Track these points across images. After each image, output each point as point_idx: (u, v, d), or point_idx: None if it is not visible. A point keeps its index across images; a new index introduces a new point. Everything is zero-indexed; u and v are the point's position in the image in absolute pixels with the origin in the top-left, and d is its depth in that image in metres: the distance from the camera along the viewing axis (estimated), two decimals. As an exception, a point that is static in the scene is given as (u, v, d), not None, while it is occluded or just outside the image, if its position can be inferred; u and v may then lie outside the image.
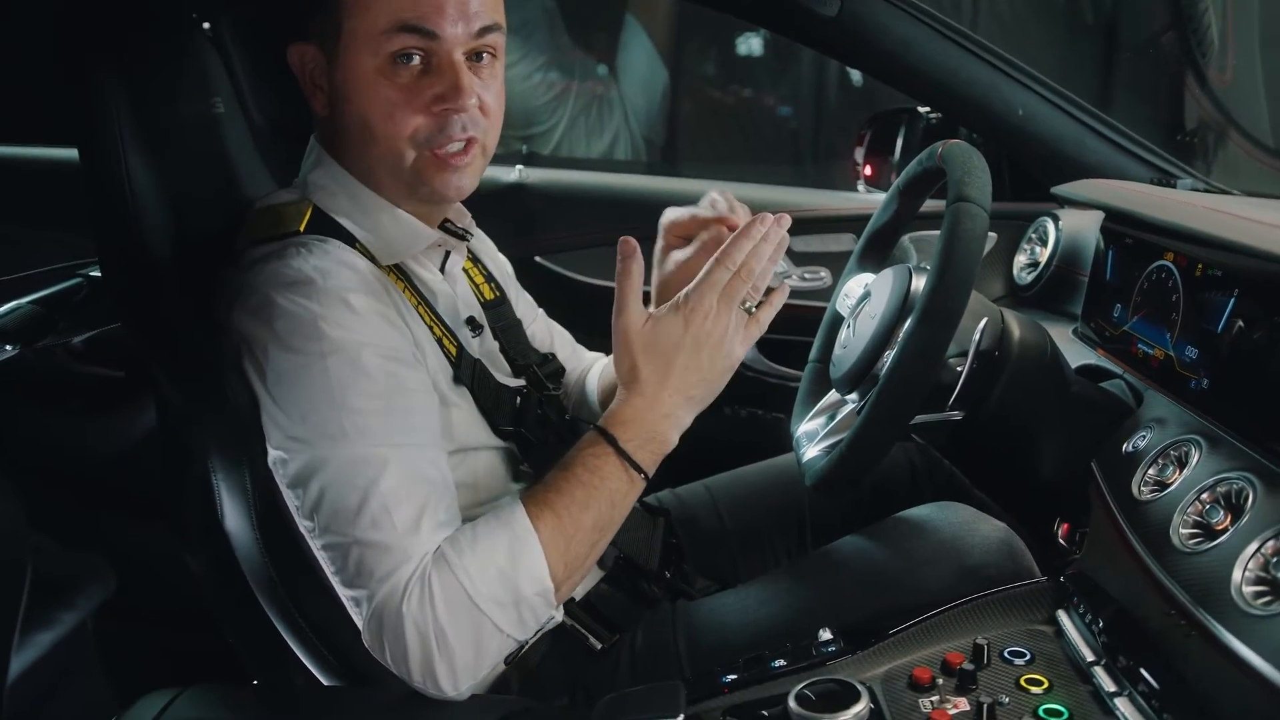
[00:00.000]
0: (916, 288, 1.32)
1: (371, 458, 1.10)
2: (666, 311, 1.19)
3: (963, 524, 1.36)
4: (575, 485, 1.16)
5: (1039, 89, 1.88)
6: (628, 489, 1.19)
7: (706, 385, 1.21)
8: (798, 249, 2.15)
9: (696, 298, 1.18)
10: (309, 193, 1.29)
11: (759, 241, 1.20)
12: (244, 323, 1.17)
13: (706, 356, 1.18)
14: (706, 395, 1.22)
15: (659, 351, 1.18)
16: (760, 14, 1.87)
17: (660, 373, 1.19)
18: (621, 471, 1.18)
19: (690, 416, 1.23)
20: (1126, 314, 1.49)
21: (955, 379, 1.29)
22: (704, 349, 1.18)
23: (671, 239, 1.36)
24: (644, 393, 1.19)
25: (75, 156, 1.28)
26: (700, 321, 1.17)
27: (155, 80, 1.31)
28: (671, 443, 1.22)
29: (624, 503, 1.20)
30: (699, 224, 1.32)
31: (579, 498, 1.16)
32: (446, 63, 1.20)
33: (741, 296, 1.19)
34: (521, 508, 1.15)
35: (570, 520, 1.15)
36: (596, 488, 1.17)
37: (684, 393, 1.20)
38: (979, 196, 1.21)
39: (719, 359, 1.19)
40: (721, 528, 1.65)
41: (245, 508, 1.21)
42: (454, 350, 1.29)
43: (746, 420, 2.16)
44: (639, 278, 1.20)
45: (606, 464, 1.18)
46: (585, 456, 1.18)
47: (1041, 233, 1.90)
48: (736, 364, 1.22)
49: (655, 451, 1.20)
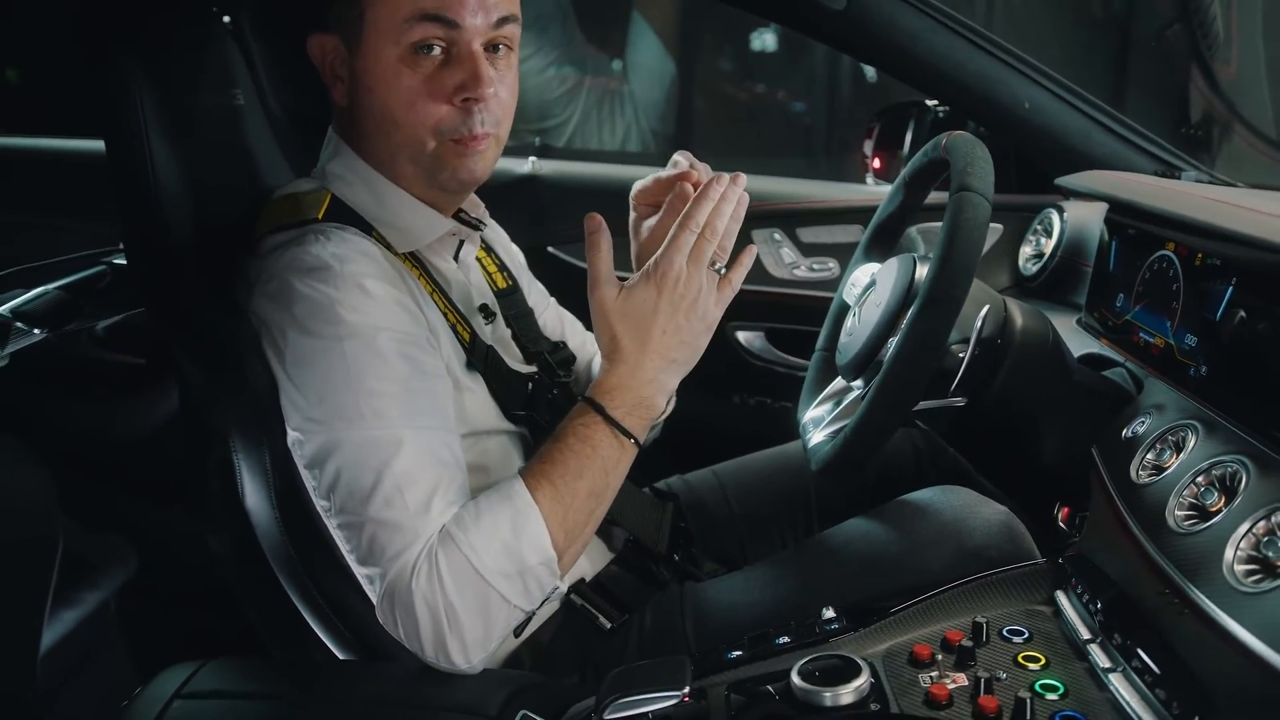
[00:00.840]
0: (921, 276, 1.34)
1: (386, 439, 1.14)
2: (638, 280, 1.22)
3: (964, 507, 1.38)
4: (569, 455, 1.20)
5: (1045, 82, 1.89)
6: (619, 455, 1.22)
7: (686, 348, 1.24)
8: (806, 240, 2.17)
9: (665, 263, 1.20)
10: (327, 182, 1.32)
11: (719, 201, 1.22)
12: (263, 307, 1.20)
13: (683, 319, 1.21)
14: (688, 357, 1.25)
15: (636, 320, 1.21)
16: (769, 8, 1.90)
17: (639, 340, 1.22)
18: (612, 439, 1.21)
19: (675, 380, 1.26)
20: (1129, 303, 1.51)
21: (958, 365, 1.31)
22: (679, 312, 1.21)
23: (642, 209, 1.38)
24: (626, 361, 1.22)
25: (100, 148, 1.32)
26: (672, 286, 1.20)
27: (179, 72, 1.35)
28: (658, 407, 1.25)
29: (617, 469, 1.23)
30: (663, 185, 1.34)
31: (573, 467, 1.19)
32: (466, 53, 1.23)
33: (709, 256, 1.21)
34: (520, 482, 1.18)
35: (567, 489, 1.18)
36: (589, 456, 1.20)
37: (665, 357, 1.23)
38: (981, 186, 1.23)
39: (695, 320, 1.22)
40: (729, 513, 1.68)
41: (265, 487, 1.24)
42: (467, 336, 1.32)
43: (755, 409, 2.19)
44: (608, 251, 1.23)
45: (597, 432, 1.21)
46: (576, 427, 1.22)
47: (1046, 224, 1.92)
48: (714, 324, 1.25)
49: (643, 417, 1.24)
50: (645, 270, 1.22)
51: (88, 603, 1.61)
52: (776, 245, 2.16)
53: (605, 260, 1.23)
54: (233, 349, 1.22)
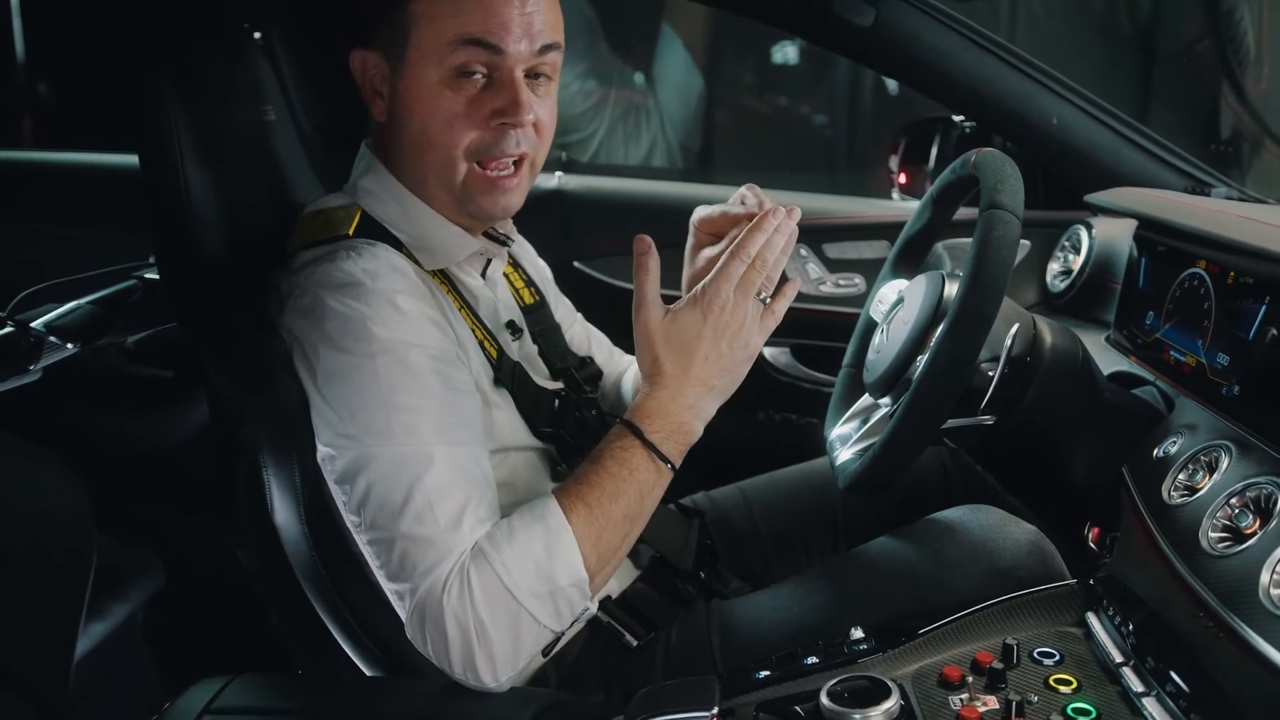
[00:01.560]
0: (949, 294, 1.33)
1: (417, 455, 1.14)
2: (685, 305, 1.22)
3: (994, 526, 1.37)
4: (605, 477, 1.20)
5: (1074, 98, 1.89)
6: (655, 479, 1.22)
7: (728, 375, 1.23)
8: (832, 255, 2.17)
9: (713, 290, 1.21)
10: (358, 198, 1.33)
11: (772, 234, 1.22)
12: (295, 323, 1.21)
13: (726, 346, 1.21)
14: (728, 385, 1.25)
15: (679, 344, 1.21)
16: (796, 24, 1.90)
17: (682, 365, 1.22)
18: (649, 462, 1.21)
19: (713, 406, 1.25)
20: (1158, 321, 1.50)
21: (987, 384, 1.31)
22: (723, 339, 1.21)
23: (701, 236, 1.38)
24: (667, 385, 1.22)
25: (129, 162, 1.33)
26: (718, 313, 1.20)
27: (211, 88, 1.36)
28: (696, 433, 1.25)
29: (653, 493, 1.23)
30: (729, 220, 1.34)
31: (609, 489, 1.19)
32: (508, 79, 1.24)
33: (757, 287, 1.22)
34: (555, 501, 1.18)
35: (601, 511, 1.18)
36: (625, 479, 1.20)
37: (706, 383, 1.22)
38: (1011, 204, 1.22)
39: (738, 349, 1.22)
40: (755, 529, 1.67)
41: (294, 502, 1.24)
42: (495, 353, 1.32)
43: (780, 425, 2.18)
44: (655, 273, 1.23)
45: (634, 456, 1.21)
46: (614, 449, 1.21)
47: (1075, 241, 1.91)
48: (755, 353, 1.25)
49: (681, 442, 1.23)
50: (693, 295, 1.22)
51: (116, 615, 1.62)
52: (803, 261, 2.15)
53: (653, 282, 1.23)
54: (264, 364, 1.23)
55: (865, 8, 1.79)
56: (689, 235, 1.40)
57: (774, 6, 1.82)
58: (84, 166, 2.48)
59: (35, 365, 1.42)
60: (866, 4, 1.79)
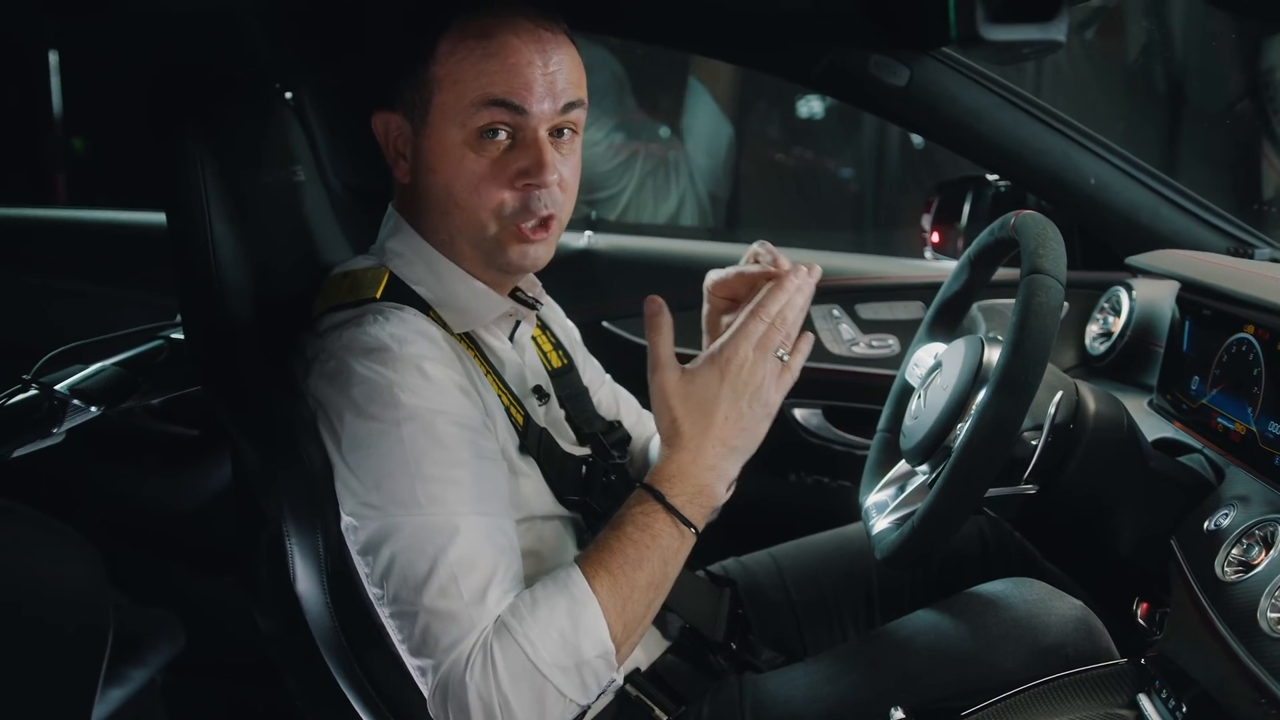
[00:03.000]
0: (990, 359, 1.31)
1: (442, 526, 1.11)
2: (702, 364, 1.20)
3: (1038, 601, 1.32)
4: (627, 544, 1.16)
5: (1111, 158, 1.87)
6: (679, 545, 1.19)
7: (747, 435, 1.21)
8: (865, 316, 2.14)
9: (731, 349, 1.18)
10: (386, 259, 1.31)
11: (793, 293, 1.20)
12: (320, 388, 1.19)
13: (745, 405, 1.19)
14: (748, 445, 1.22)
15: (698, 404, 1.19)
16: (829, 84, 1.89)
17: (701, 425, 1.19)
18: (671, 527, 1.18)
19: (735, 467, 1.23)
20: (1205, 387, 1.46)
21: (1030, 453, 1.27)
22: (742, 399, 1.19)
23: (717, 300, 1.36)
24: (687, 447, 1.20)
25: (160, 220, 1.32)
26: (736, 372, 1.18)
27: (240, 148, 1.36)
28: (719, 495, 1.22)
29: (675, 559, 1.19)
30: (744, 281, 1.32)
31: (632, 556, 1.16)
32: (532, 138, 1.23)
33: (776, 346, 1.20)
34: (578, 570, 1.15)
35: (626, 579, 1.15)
36: (648, 545, 1.17)
37: (726, 444, 1.20)
38: (1054, 269, 1.20)
39: (757, 408, 1.20)
40: (788, 598, 1.63)
41: (317, 572, 1.22)
42: (521, 419, 1.30)
43: (812, 488, 2.14)
44: (669, 334, 1.22)
45: (656, 521, 1.18)
46: (635, 515, 1.18)
47: (1114, 302, 1.88)
48: (774, 411, 1.22)
49: (703, 505, 1.20)
50: (709, 354, 1.20)
51: (135, 680, 1.60)
52: (835, 321, 2.13)
53: (666, 343, 1.21)
54: (288, 429, 1.21)
55: (899, 67, 1.78)
56: (704, 301, 1.37)
57: (806, 66, 1.81)
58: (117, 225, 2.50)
59: (58, 429, 1.41)
60: (900, 63, 1.78)
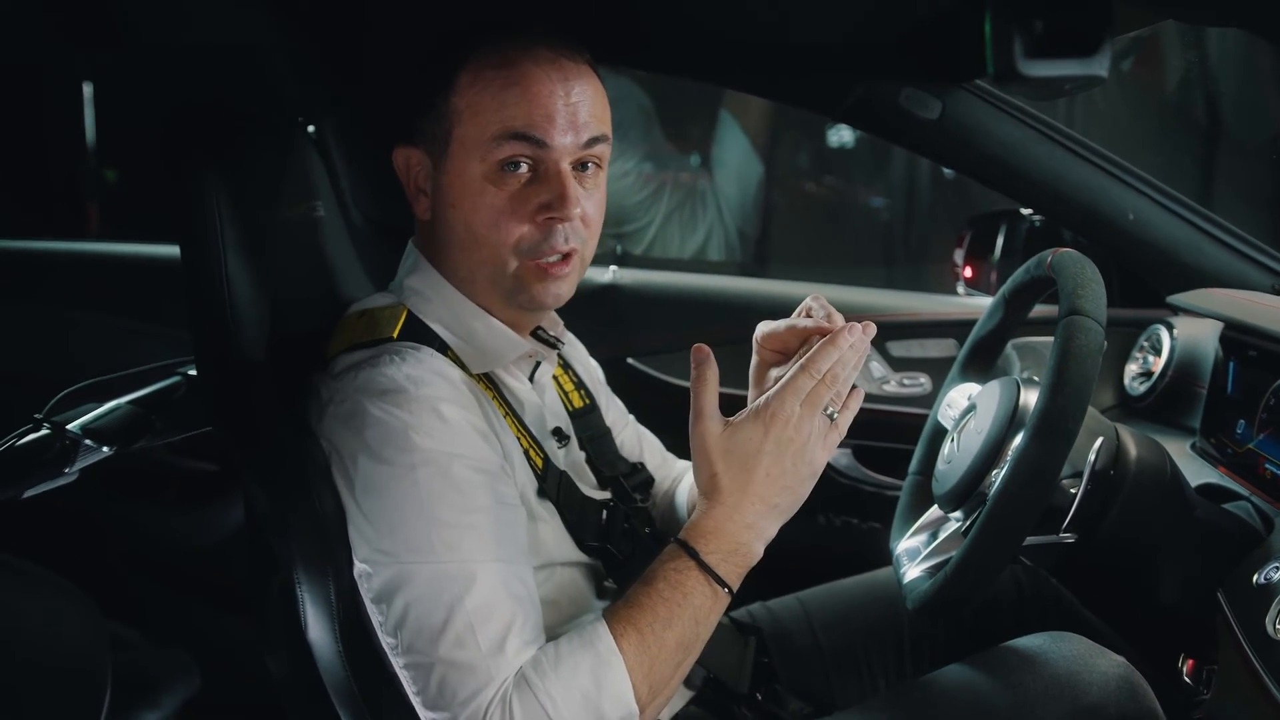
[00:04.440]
0: (1026, 402, 1.27)
1: (458, 574, 1.08)
2: (746, 418, 1.15)
3: (1078, 658, 1.27)
4: (658, 601, 1.12)
5: (1150, 192, 1.82)
6: (711, 604, 1.14)
7: (790, 494, 1.15)
8: (896, 354, 2.10)
9: (778, 403, 1.13)
10: (404, 297, 1.29)
11: (845, 350, 1.15)
12: (334, 430, 1.16)
13: (790, 463, 1.13)
14: (790, 504, 1.17)
15: (739, 459, 1.14)
16: (859, 118, 1.85)
17: (741, 481, 1.14)
18: (705, 586, 1.13)
19: (775, 527, 1.17)
20: (1251, 431, 1.41)
21: (1069, 501, 1.23)
22: (786, 456, 1.13)
23: (766, 353, 1.30)
24: (725, 502, 1.14)
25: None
26: (782, 428, 1.13)
27: (257, 183, 1.34)
28: (756, 555, 1.17)
29: (708, 619, 1.14)
30: (795, 335, 1.27)
31: (662, 614, 1.11)
32: (554, 172, 1.20)
33: (825, 403, 1.14)
34: (605, 626, 1.10)
35: (654, 639, 1.10)
36: (680, 604, 1.12)
37: (767, 501, 1.14)
38: (1094, 310, 1.17)
39: (801, 466, 1.14)
40: (816, 645, 1.58)
41: (329, 619, 1.18)
42: (540, 462, 1.26)
43: (842, 530, 2.09)
44: (714, 384, 1.17)
45: (689, 579, 1.13)
46: (668, 571, 1.13)
47: (1155, 341, 1.82)
48: (819, 471, 1.17)
49: (739, 564, 1.15)
50: (755, 408, 1.14)
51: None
52: (865, 359, 2.08)
53: (711, 393, 1.16)
54: (301, 473, 1.18)
55: (931, 100, 1.74)
56: (754, 353, 1.31)
57: (835, 100, 1.78)
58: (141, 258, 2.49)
59: (70, 468, 1.39)
60: (932, 96, 1.74)
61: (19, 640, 1.02)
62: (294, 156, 1.43)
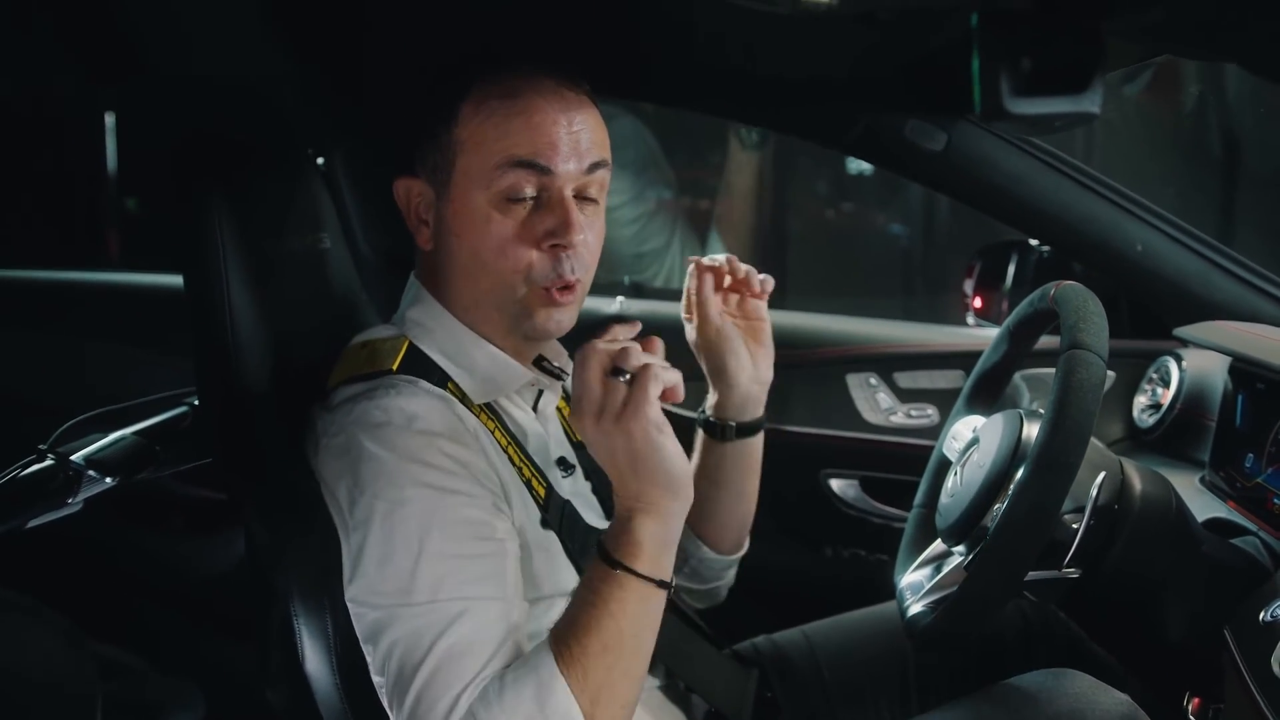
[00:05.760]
0: (1028, 435, 1.26)
1: (442, 613, 1.07)
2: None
3: (1081, 696, 1.25)
4: (576, 608, 1.09)
5: (1159, 223, 1.82)
6: (621, 593, 1.08)
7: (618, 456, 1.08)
8: (904, 385, 2.09)
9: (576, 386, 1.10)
10: (406, 329, 1.29)
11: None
12: (328, 464, 1.16)
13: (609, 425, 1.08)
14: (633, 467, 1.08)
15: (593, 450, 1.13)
16: (864, 150, 1.86)
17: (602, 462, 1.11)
18: (607, 573, 1.09)
19: (640, 496, 1.09)
20: (1259, 465, 1.39)
21: (1072, 537, 1.22)
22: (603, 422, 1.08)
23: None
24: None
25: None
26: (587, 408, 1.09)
27: (262, 215, 1.35)
28: (642, 529, 1.09)
29: (627, 612, 1.08)
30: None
31: (581, 619, 1.08)
32: (558, 198, 1.21)
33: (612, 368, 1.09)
34: (548, 648, 1.08)
35: (579, 646, 1.06)
36: (593, 603, 1.08)
37: (612, 470, 1.10)
38: (1095, 344, 1.16)
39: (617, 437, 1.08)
40: (820, 678, 1.56)
41: (326, 653, 1.18)
42: (543, 492, 1.26)
43: (849, 561, 2.08)
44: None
45: (594, 571, 1.10)
46: (585, 575, 1.12)
47: (1163, 373, 1.81)
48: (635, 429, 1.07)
49: (630, 542, 1.09)
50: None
51: (151, 753, 1.57)
52: (872, 390, 2.08)
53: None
54: (300, 507, 1.18)
55: (937, 132, 1.75)
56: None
57: (840, 131, 1.79)
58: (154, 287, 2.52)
59: (73, 499, 1.40)
60: (938, 128, 1.74)
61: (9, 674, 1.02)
62: (301, 187, 1.45)
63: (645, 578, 1.09)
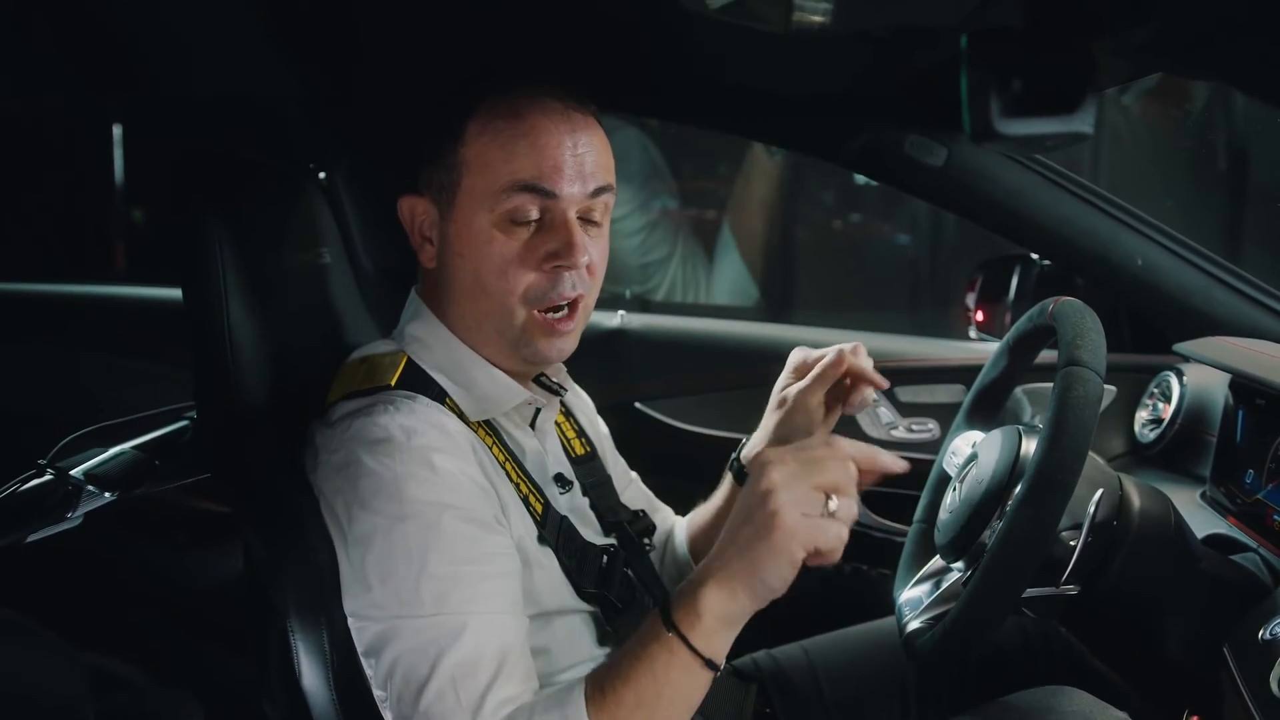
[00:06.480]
0: (1026, 452, 1.26)
1: (445, 627, 1.08)
2: (756, 460, 1.08)
3: (1079, 713, 1.25)
4: (621, 657, 1.08)
5: (1160, 238, 1.81)
6: (668, 656, 1.06)
7: (757, 572, 1.05)
8: (905, 399, 2.09)
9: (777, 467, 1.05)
10: (405, 344, 1.30)
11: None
12: (327, 479, 1.17)
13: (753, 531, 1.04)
14: (755, 587, 1.06)
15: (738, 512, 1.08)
16: (864, 164, 1.86)
17: (728, 537, 1.07)
18: (660, 634, 1.07)
19: (732, 605, 1.06)
20: (1259, 481, 1.39)
21: (1069, 553, 1.22)
22: (753, 521, 1.05)
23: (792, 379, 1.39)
24: (713, 554, 1.08)
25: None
26: (775, 492, 1.04)
27: (263, 231, 1.35)
28: (713, 622, 1.06)
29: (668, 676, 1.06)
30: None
31: (624, 669, 1.07)
32: (561, 221, 1.21)
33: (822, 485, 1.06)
34: (580, 687, 1.08)
35: (614, 696, 1.06)
36: (639, 656, 1.07)
37: (727, 568, 1.06)
38: (1092, 360, 1.15)
39: (761, 547, 1.04)
40: (819, 694, 1.56)
41: (323, 668, 1.18)
42: (540, 508, 1.26)
43: (850, 576, 2.07)
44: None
45: (650, 627, 1.08)
46: (642, 628, 1.10)
47: (1164, 388, 1.81)
48: (785, 559, 1.04)
49: (692, 620, 1.06)
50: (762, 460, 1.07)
51: (152, 766, 1.57)
52: (874, 404, 2.07)
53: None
54: (297, 523, 1.18)
55: (937, 147, 1.75)
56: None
57: (839, 146, 1.79)
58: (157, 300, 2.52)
59: (73, 514, 1.40)
60: (938, 143, 1.74)
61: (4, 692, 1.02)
62: (302, 203, 1.45)
63: (695, 651, 1.06)
